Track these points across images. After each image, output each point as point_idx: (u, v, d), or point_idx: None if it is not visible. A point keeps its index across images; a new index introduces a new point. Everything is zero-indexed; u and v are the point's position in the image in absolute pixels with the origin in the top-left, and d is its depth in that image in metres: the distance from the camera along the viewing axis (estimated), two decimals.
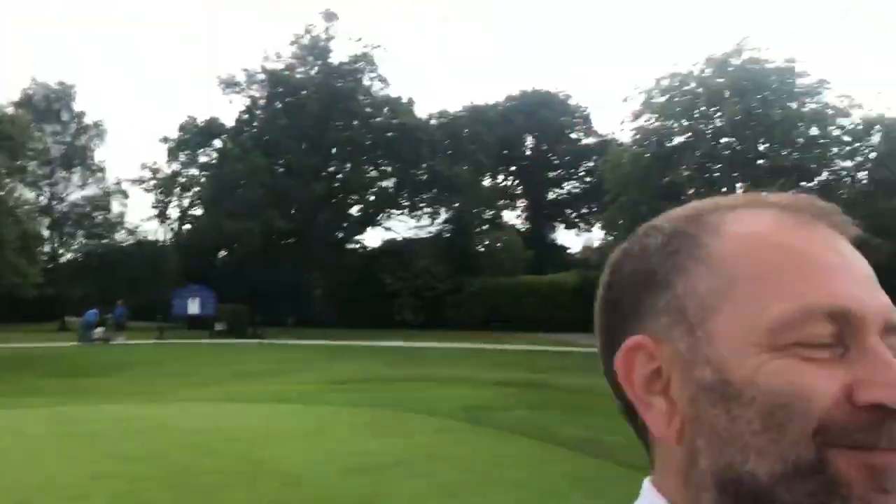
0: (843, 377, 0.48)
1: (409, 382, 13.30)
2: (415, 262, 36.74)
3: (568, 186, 48.59)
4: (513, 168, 47.82)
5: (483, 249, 38.91)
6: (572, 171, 47.68)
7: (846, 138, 23.99)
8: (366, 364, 17.57)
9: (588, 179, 45.12)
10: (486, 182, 43.74)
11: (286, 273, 35.49)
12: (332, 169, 37.83)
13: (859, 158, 24.31)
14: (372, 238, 43.84)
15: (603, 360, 0.60)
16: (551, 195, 48.31)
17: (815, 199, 0.57)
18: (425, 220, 42.93)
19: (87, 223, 37.99)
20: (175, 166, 38.13)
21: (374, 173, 39.75)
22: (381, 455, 6.96)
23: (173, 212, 39.21)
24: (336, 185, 37.84)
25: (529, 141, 47.56)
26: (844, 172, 24.39)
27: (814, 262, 0.52)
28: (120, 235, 38.80)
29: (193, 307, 28.56)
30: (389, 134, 36.85)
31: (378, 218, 41.18)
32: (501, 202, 46.12)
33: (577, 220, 48.03)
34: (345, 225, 38.83)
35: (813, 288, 0.50)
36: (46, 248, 36.57)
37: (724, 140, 25.68)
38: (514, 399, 10.86)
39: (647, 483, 0.59)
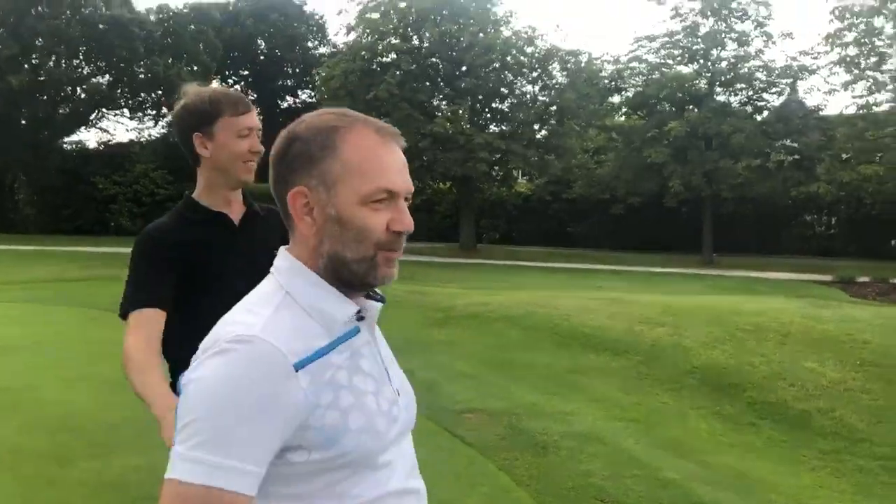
0: (387, 217, 1.15)
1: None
2: (133, 166, 35.24)
3: (303, 96, 48.55)
4: (244, 73, 46.68)
5: None
6: (306, 79, 47.61)
7: (529, 66, 26.70)
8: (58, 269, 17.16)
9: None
10: (215, 85, 42.39)
11: None
12: (34, 62, 34.45)
13: (540, 84, 27.25)
14: (86, 139, 40.82)
15: (275, 191, 1.19)
16: (285, 104, 48.09)
17: (389, 125, 1.20)
18: (148, 122, 40.99)
19: None
20: None
21: (86, 70, 36.85)
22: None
23: None
24: (41, 79, 34.60)
25: (262, 46, 46.55)
26: (528, 96, 27.18)
27: (386, 164, 1.15)
28: None
29: None
30: (101, 27, 34.22)
31: (92, 118, 38.48)
32: None
33: None
34: (50, 123, 35.88)
35: (382, 178, 1.14)
36: None
37: (432, 60, 27.35)
38: None
39: (283, 251, 1.21)
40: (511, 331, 9.08)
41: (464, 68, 27.01)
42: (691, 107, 25.44)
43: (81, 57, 36.39)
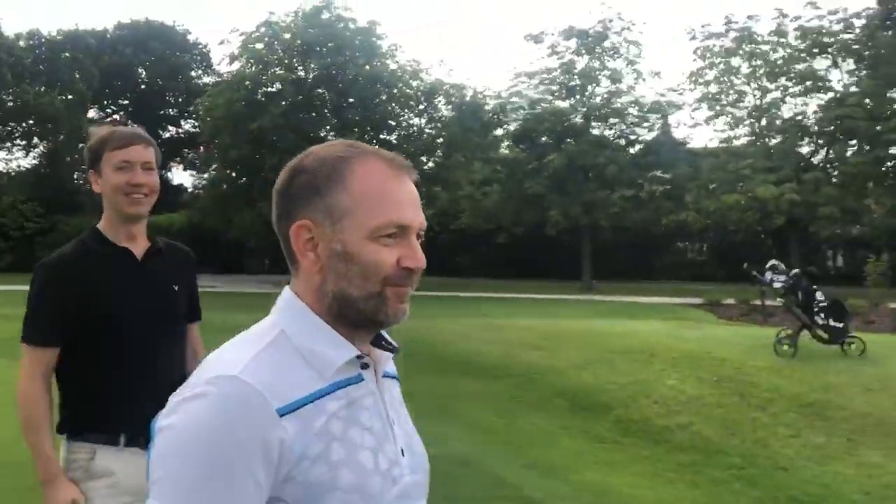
0: (397, 253, 1.04)
1: None
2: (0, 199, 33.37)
3: (187, 125, 47.36)
4: (123, 102, 45.15)
5: (82, 186, 36.42)
6: (190, 108, 46.50)
7: (416, 99, 27.17)
8: None
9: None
10: (93, 114, 40.80)
11: None
12: None
13: (426, 117, 27.76)
14: None
15: (277, 227, 1.10)
16: (167, 134, 46.79)
17: (401, 157, 1.10)
18: (18, 153, 38.94)
19: None
20: None
21: None
22: None
23: None
24: None
25: (143, 74, 45.21)
26: (415, 129, 27.61)
27: (397, 198, 1.05)
28: None
29: None
30: None
31: None
32: None
33: (196, 160, 47.13)
34: None
35: (394, 211, 1.04)
36: None
37: (318, 91, 27.34)
38: None
39: (287, 288, 1.12)
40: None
41: (351, 100, 27.18)
42: (570, 140, 26.55)
43: None
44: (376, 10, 64.67)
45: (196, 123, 46.10)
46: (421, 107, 28.04)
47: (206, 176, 32.05)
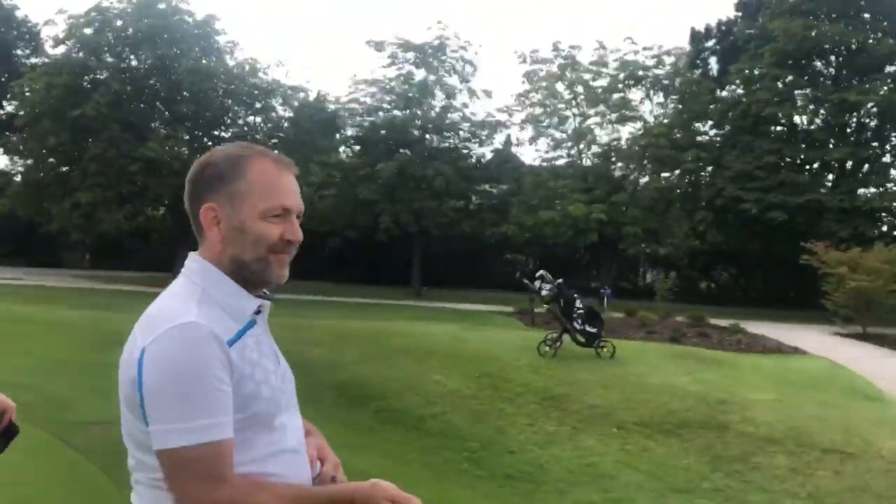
0: (281, 229, 1.41)
1: None
2: None
3: (10, 107, 44.17)
4: None
5: None
6: (13, 87, 43.47)
7: (252, 97, 27.04)
8: None
9: None
10: None
11: None
12: None
13: (262, 117, 27.70)
14: None
15: (189, 208, 1.44)
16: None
17: (285, 157, 1.48)
18: None
19: None
20: None
21: None
22: None
23: None
24: None
25: None
26: (247, 127, 27.46)
27: (282, 187, 1.42)
28: None
29: None
30: None
31: None
32: None
33: (19, 144, 44.04)
34: None
35: (280, 197, 1.40)
36: None
37: (150, 82, 26.53)
38: None
39: (192, 255, 1.45)
40: None
41: (185, 93, 26.61)
42: (404, 150, 27.32)
43: None
44: (214, 5, 63.11)
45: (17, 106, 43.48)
46: (258, 105, 27.93)
47: (21, 162, 30.13)
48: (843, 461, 6.90)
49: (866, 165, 25.82)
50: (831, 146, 25.38)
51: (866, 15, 25.61)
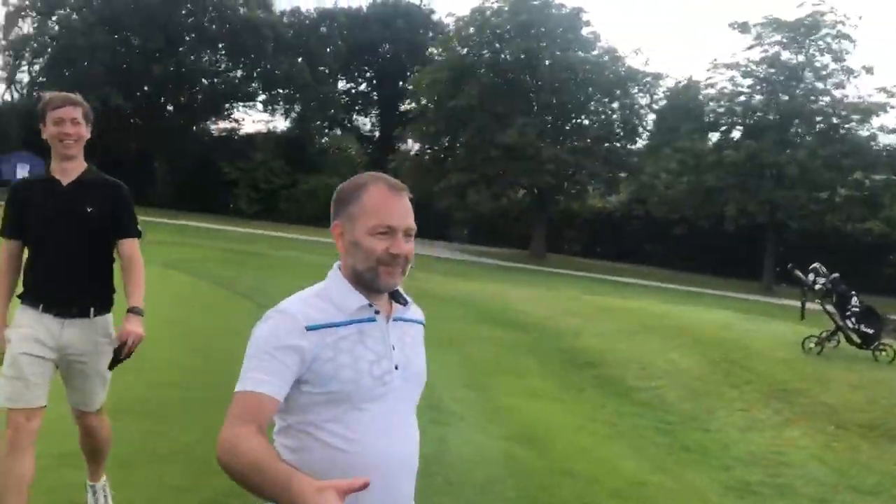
0: (386, 244, 1.66)
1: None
2: (255, 155, 38.72)
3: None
4: (368, 74, 49.66)
5: (321, 149, 41.36)
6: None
7: (611, 84, 27.99)
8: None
9: None
10: (342, 85, 45.68)
11: (128, 153, 36.74)
12: (179, 54, 38.93)
13: (618, 103, 28.50)
14: (218, 128, 44.89)
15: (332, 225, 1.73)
16: (405, 107, 50.91)
17: (399, 182, 1.73)
18: (279, 116, 44.56)
19: None
20: (28, 29, 38.01)
21: (222, 65, 41.14)
22: None
23: (24, 76, 39.23)
24: (183, 70, 39.03)
25: (387, 49, 49.32)
26: (604, 116, 28.51)
27: (390, 209, 1.67)
28: None
29: (22, 173, 29.90)
30: (238, 27, 38.18)
31: (226, 108, 42.68)
32: (356, 106, 48.14)
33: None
34: (188, 111, 40.27)
35: (384, 217, 1.65)
36: None
37: (521, 76, 29.10)
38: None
39: (336, 264, 1.77)
40: (454, 309, 11.02)
41: (549, 84, 28.55)
42: (750, 141, 25.74)
43: (221, 53, 40.62)
44: None
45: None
46: (616, 92, 28.80)
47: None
48: None
49: None
50: None
51: None
